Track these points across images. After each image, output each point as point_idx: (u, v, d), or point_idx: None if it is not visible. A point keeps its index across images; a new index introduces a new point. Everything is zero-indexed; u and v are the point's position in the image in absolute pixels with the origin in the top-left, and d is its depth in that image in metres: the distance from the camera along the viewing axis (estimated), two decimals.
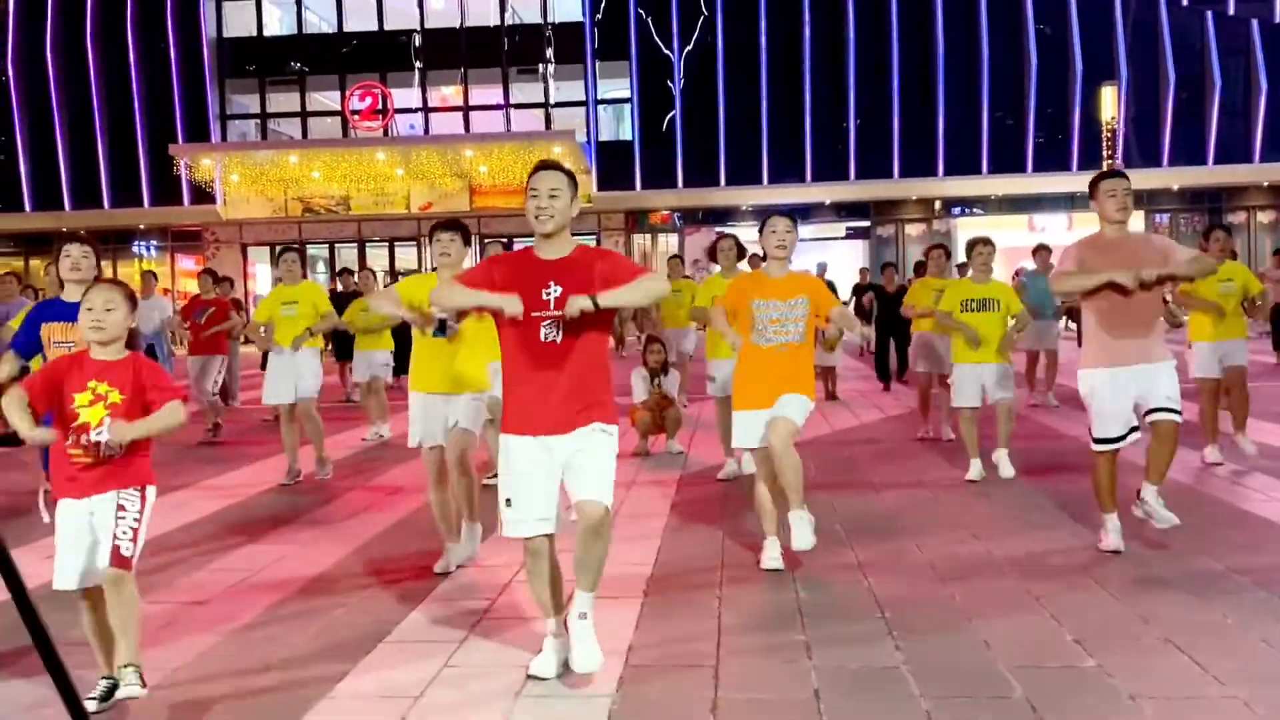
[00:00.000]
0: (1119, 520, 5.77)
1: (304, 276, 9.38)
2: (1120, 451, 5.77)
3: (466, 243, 5.99)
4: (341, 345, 14.41)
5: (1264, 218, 31.83)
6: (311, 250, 33.17)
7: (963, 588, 5.17)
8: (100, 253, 5.73)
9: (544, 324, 4.09)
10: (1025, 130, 31.25)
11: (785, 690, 3.96)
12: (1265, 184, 31.21)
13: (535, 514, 4.10)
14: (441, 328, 5.75)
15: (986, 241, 8.33)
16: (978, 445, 7.99)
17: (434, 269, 6.24)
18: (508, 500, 4.14)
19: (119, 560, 3.97)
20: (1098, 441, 5.74)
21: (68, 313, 5.50)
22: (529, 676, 4.15)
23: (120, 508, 4.01)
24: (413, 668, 4.29)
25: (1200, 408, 8.32)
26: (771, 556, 5.65)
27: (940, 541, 6.11)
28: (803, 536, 5.46)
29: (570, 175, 4.25)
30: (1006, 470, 7.89)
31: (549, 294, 4.09)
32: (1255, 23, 30.89)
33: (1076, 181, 26.28)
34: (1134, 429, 5.74)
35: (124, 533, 3.99)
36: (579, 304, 3.97)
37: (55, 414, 4.05)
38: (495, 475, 8.27)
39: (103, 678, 4.02)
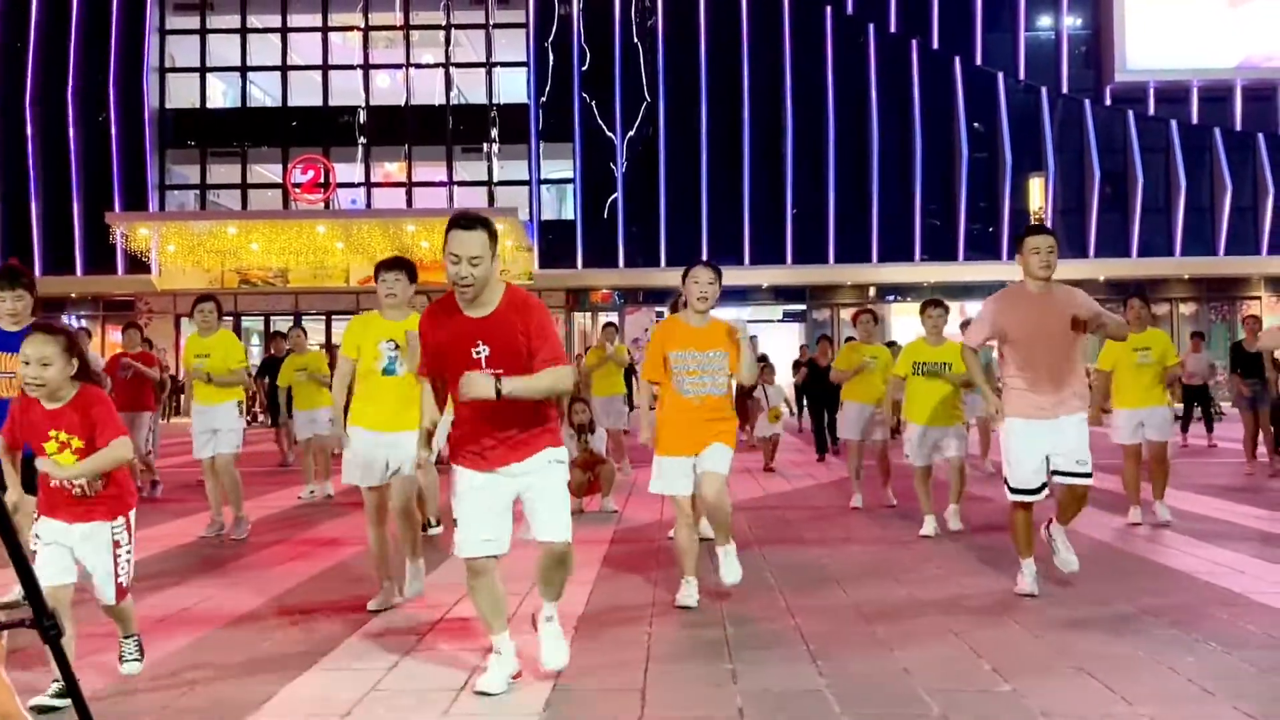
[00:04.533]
0: (1035, 566, 5.95)
1: (220, 325, 9.05)
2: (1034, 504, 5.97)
3: (412, 280, 6.05)
4: (276, 409, 14.06)
5: (1185, 309, 32.81)
6: (247, 322, 32.85)
7: (886, 625, 5.29)
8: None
9: None
10: (957, 220, 32.08)
11: (710, 709, 4.03)
12: (1185, 276, 32.24)
13: (481, 535, 4.23)
14: (390, 367, 5.81)
15: (938, 303, 8.48)
16: (930, 502, 8.14)
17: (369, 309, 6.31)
18: (456, 523, 4.29)
19: (121, 594, 4.34)
20: (1013, 490, 5.94)
21: (8, 342, 5.47)
22: (476, 692, 4.21)
23: (115, 544, 4.26)
24: (342, 689, 4.29)
25: (1123, 473, 8.55)
26: (688, 594, 5.72)
27: (866, 587, 6.23)
28: (731, 569, 5.61)
29: (490, 230, 4.16)
30: (955, 524, 8.07)
31: (479, 353, 4.23)
32: (1174, 124, 32.18)
33: (1006, 270, 26.96)
34: (1044, 486, 5.93)
35: (123, 568, 4.31)
36: (478, 389, 4.02)
37: (35, 451, 4.19)
38: (437, 524, 8.38)
39: (54, 680, 4.08)
